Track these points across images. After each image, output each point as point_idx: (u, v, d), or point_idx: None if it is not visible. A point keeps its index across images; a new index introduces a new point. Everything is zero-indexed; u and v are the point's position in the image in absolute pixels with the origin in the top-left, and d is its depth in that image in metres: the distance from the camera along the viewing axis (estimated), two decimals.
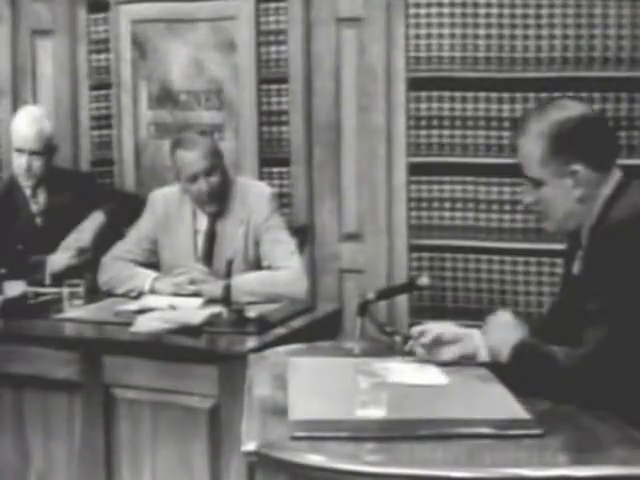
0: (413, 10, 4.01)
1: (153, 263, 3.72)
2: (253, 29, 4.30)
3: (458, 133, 3.99)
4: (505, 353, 2.24)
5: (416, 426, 1.96)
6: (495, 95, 3.93)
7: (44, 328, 3.31)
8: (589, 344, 2.13)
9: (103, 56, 4.62)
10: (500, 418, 1.98)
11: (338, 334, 3.58)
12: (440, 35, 3.97)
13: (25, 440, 3.28)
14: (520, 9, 3.85)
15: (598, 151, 2.30)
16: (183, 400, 3.05)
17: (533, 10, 3.84)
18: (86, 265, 3.85)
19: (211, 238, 3.66)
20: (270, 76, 4.31)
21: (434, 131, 4.03)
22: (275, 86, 4.31)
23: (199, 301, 3.40)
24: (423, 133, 4.05)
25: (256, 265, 3.61)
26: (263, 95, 4.33)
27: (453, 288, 4.05)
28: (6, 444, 3.30)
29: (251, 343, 3.00)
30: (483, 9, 3.90)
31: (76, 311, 3.39)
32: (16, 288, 3.52)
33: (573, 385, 2.11)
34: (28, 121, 3.97)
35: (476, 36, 3.93)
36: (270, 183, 4.15)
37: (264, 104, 4.33)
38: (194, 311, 3.27)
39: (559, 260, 3.69)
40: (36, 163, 3.97)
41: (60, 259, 3.85)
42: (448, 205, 4.03)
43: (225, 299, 3.21)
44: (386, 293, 3.03)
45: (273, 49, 4.30)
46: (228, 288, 3.21)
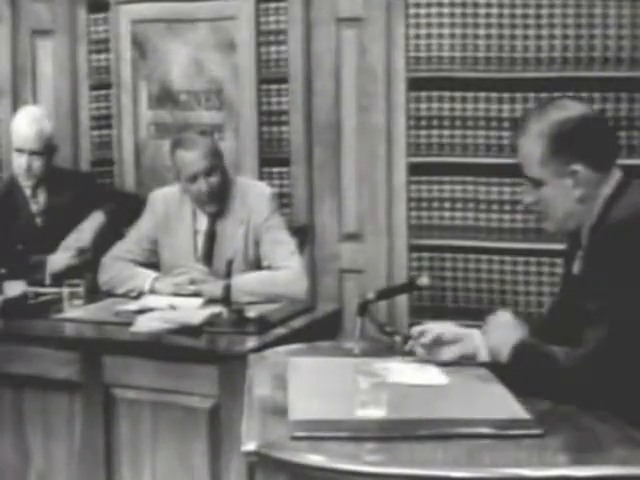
0: (413, 10, 4.01)
1: (153, 263, 3.72)
2: (253, 29, 4.30)
3: (458, 133, 3.99)
4: (505, 353, 2.24)
5: (416, 426, 1.96)
6: (495, 95, 3.93)
7: (44, 328, 3.31)
8: (589, 344, 2.13)
9: (103, 56, 4.62)
10: (500, 418, 1.98)
11: (338, 334, 3.58)
12: (440, 35, 3.97)
13: (25, 440, 3.28)
14: (520, 9, 3.85)
15: (598, 151, 2.30)
16: (183, 400, 3.05)
17: (533, 10, 3.84)
18: (86, 265, 3.85)
19: (211, 238, 3.66)
20: (270, 76, 4.31)
21: (434, 131, 4.03)
22: (275, 86, 4.30)
23: (199, 301, 3.40)
24: (423, 133, 4.04)
25: (256, 265, 3.61)
26: (263, 95, 4.33)
27: (453, 288, 4.04)
28: (6, 444, 3.30)
29: (251, 343, 3.00)
30: (483, 9, 3.90)
31: (76, 311, 3.38)
32: (16, 288, 3.52)
33: (573, 385, 2.11)
34: (28, 121, 3.97)
35: (476, 36, 3.93)
36: (270, 183, 4.15)
37: (264, 104, 4.33)
38: (194, 311, 3.27)
39: (559, 260, 3.69)
40: (36, 163, 3.97)
41: (60, 259, 3.85)
42: (448, 205, 4.03)
43: (225, 299, 3.21)
44: (386, 293, 3.03)
45: (273, 49, 4.30)
46: (228, 288, 3.21)
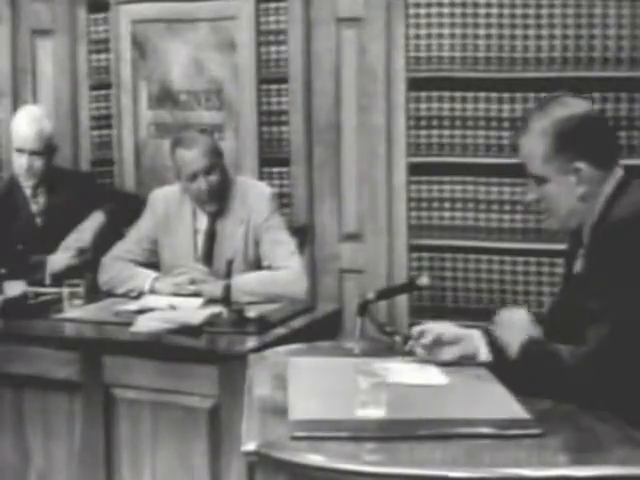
0: (413, 10, 4.00)
1: (153, 263, 3.72)
2: (253, 29, 4.30)
3: (458, 133, 3.99)
4: (514, 349, 2.24)
5: (416, 426, 1.96)
6: (495, 95, 3.93)
7: (44, 328, 3.31)
8: (591, 342, 2.13)
9: (103, 56, 4.61)
10: (500, 418, 1.98)
11: (338, 334, 3.58)
12: (440, 35, 3.97)
13: (25, 440, 3.28)
14: (520, 9, 3.85)
15: (601, 149, 2.30)
16: (183, 400, 3.05)
17: (533, 10, 3.84)
18: (86, 265, 3.85)
19: (211, 237, 3.66)
20: (270, 76, 4.31)
21: (434, 131, 4.03)
22: (275, 86, 4.30)
23: (199, 301, 3.40)
24: (423, 133, 4.04)
25: (256, 265, 3.61)
26: (263, 95, 4.32)
27: (453, 288, 4.04)
28: (6, 444, 3.30)
29: (251, 343, 3.00)
30: (483, 9, 3.90)
31: (76, 311, 3.38)
32: (16, 288, 3.52)
33: (575, 383, 2.11)
34: (28, 120, 3.97)
35: (476, 36, 3.93)
36: (270, 183, 4.14)
37: (264, 104, 4.33)
38: (194, 311, 3.27)
39: (559, 260, 3.69)
40: (37, 163, 3.97)
41: (60, 259, 3.85)
42: (448, 205, 4.03)
43: (225, 299, 3.21)
44: (386, 293, 3.03)
45: (273, 49, 4.29)
46: (228, 288, 3.21)
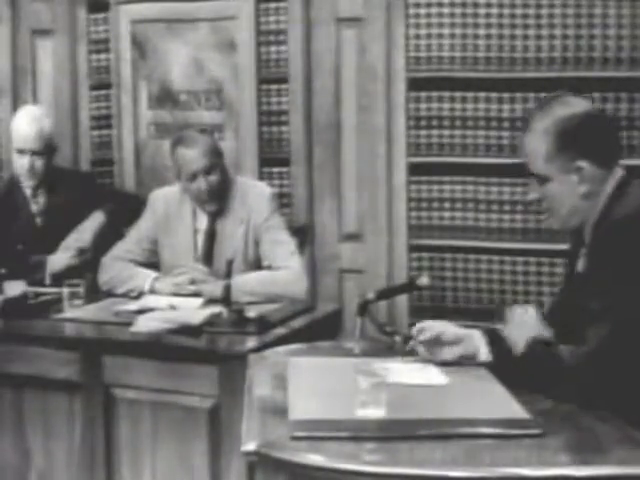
0: (413, 10, 4.00)
1: (153, 263, 3.72)
2: (253, 29, 4.30)
3: (458, 133, 3.99)
4: (520, 347, 2.24)
5: (416, 426, 1.96)
6: (495, 95, 3.93)
7: (44, 328, 3.31)
8: (591, 342, 2.14)
9: (103, 56, 4.61)
10: (500, 418, 1.98)
11: (338, 334, 3.58)
12: (440, 35, 3.97)
13: (25, 440, 3.28)
14: (520, 9, 3.85)
15: (603, 147, 2.30)
16: (183, 400, 3.05)
17: (533, 10, 3.84)
18: (86, 265, 3.85)
19: (211, 237, 3.65)
20: (270, 76, 4.31)
21: (434, 131, 4.03)
22: (275, 86, 4.30)
23: (199, 301, 3.40)
24: (423, 133, 4.04)
25: (256, 265, 3.61)
26: (263, 95, 4.32)
27: (453, 288, 4.04)
28: (6, 444, 3.30)
29: (251, 343, 3.00)
30: (483, 9, 3.90)
31: (76, 311, 3.38)
32: (16, 288, 3.52)
33: (575, 383, 2.11)
34: (28, 120, 3.97)
35: (476, 36, 3.92)
36: (270, 183, 4.14)
37: (264, 104, 4.32)
38: (194, 311, 3.27)
39: (559, 260, 3.70)
40: (38, 163, 3.97)
41: (60, 259, 3.85)
42: (448, 205, 4.03)
43: (225, 299, 3.21)
44: (386, 293, 3.04)
45: (273, 49, 4.29)
46: (228, 288, 3.21)
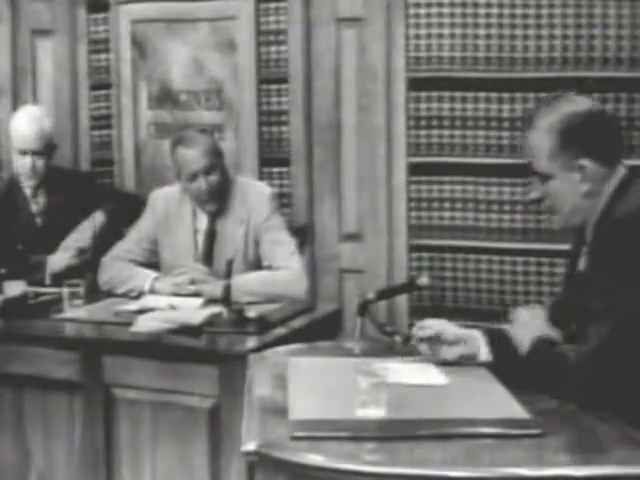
0: (413, 10, 4.00)
1: (153, 263, 3.72)
2: (253, 29, 4.30)
3: (458, 133, 3.99)
4: (525, 347, 2.25)
5: (416, 426, 1.96)
6: (495, 95, 3.93)
7: (44, 328, 3.31)
8: (592, 341, 2.14)
9: (103, 56, 4.61)
10: (500, 418, 1.98)
11: (338, 334, 3.58)
12: (440, 35, 3.97)
13: (25, 440, 3.28)
14: (520, 9, 3.85)
15: (606, 146, 2.31)
16: (183, 400, 3.05)
17: (533, 10, 3.84)
18: (86, 265, 3.84)
19: (211, 237, 3.65)
20: (270, 76, 4.31)
21: (434, 131, 4.03)
22: (275, 86, 4.30)
23: (199, 301, 3.40)
24: (423, 133, 4.04)
25: (256, 265, 3.61)
26: (263, 95, 4.32)
27: (453, 288, 4.04)
28: (6, 444, 3.30)
29: (251, 343, 3.00)
30: (483, 9, 3.90)
31: (76, 311, 3.38)
32: (16, 288, 3.51)
33: (576, 382, 2.11)
34: (28, 120, 3.97)
35: (476, 36, 3.92)
36: (270, 183, 4.14)
37: (264, 104, 4.32)
38: (194, 311, 3.27)
39: (559, 260, 3.70)
40: (39, 163, 3.97)
41: (60, 259, 3.85)
42: (448, 205, 4.03)
43: (225, 299, 3.21)
44: (386, 293, 3.03)
45: (273, 49, 4.29)
46: (228, 288, 3.21)
